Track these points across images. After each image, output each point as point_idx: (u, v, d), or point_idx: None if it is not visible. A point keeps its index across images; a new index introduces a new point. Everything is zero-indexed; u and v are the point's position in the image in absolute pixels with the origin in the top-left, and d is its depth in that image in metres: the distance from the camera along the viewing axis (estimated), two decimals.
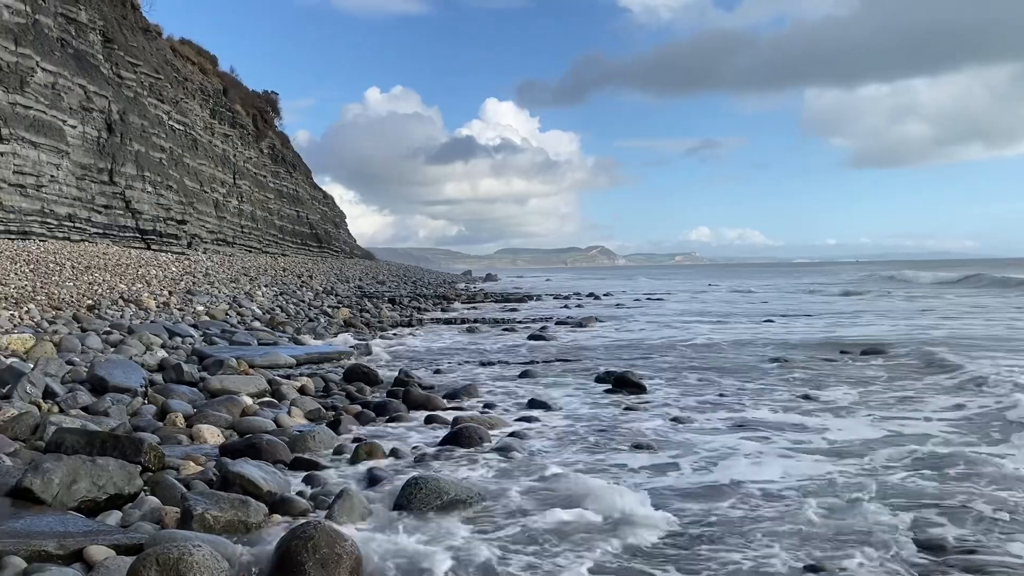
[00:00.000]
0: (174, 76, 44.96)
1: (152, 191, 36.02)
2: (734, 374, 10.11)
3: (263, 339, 12.64)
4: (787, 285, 47.24)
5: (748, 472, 5.41)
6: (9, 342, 9.08)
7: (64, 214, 29.45)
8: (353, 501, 4.26)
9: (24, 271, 17.48)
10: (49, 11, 30.76)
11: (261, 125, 60.96)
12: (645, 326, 18.28)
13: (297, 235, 64.10)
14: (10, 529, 3.42)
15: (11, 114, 26.62)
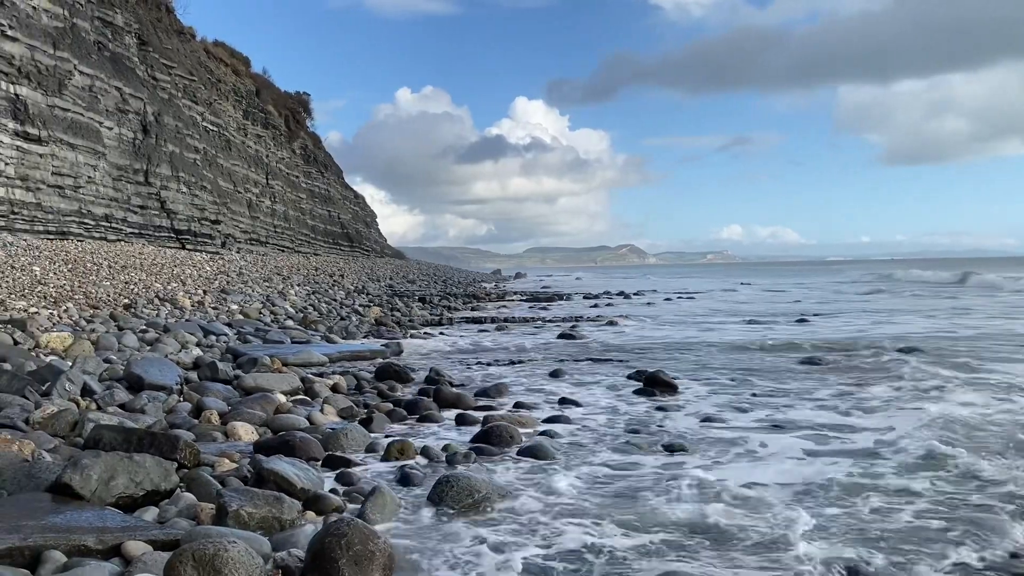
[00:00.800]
0: (208, 78, 45.50)
1: (187, 191, 36.49)
2: (766, 374, 10.01)
3: (296, 337, 12.76)
4: (820, 283, 46.68)
5: (784, 473, 5.35)
6: (48, 340, 9.25)
7: (101, 214, 29.93)
8: (385, 499, 4.28)
9: (63, 271, 17.80)
10: (86, 15, 31.28)
11: (293, 126, 61.50)
12: (676, 325, 18.18)
13: (329, 235, 64.59)
14: (50, 524, 3.47)
15: (50, 116, 27.11)
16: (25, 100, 25.91)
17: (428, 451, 5.73)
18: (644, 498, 4.82)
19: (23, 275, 15.64)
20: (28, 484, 4.01)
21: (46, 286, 14.73)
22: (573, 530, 4.24)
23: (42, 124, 26.52)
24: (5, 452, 4.47)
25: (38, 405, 6.12)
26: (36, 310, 11.61)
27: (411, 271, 56.98)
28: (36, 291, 13.87)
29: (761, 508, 4.60)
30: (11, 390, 6.39)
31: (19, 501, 3.75)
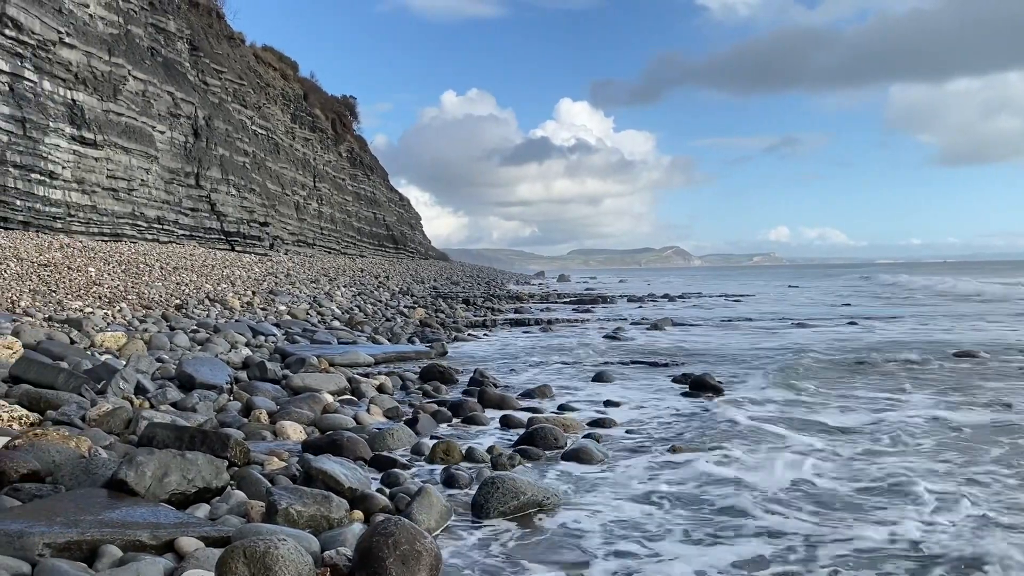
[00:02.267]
0: (257, 82, 46.28)
1: (236, 194, 37.14)
2: (815, 377, 9.85)
3: (342, 338, 12.90)
4: (868, 286, 45.80)
5: (836, 477, 5.26)
6: (103, 340, 9.49)
7: (153, 217, 30.61)
8: (431, 499, 4.30)
9: (117, 272, 18.23)
10: (140, 22, 32.03)
11: (340, 129, 62.25)
12: (722, 328, 17.98)
13: (374, 236, 65.22)
14: (107, 519, 3.56)
15: (105, 121, 27.81)
16: (82, 105, 26.62)
17: (473, 452, 5.75)
18: (689, 501, 4.78)
19: (79, 276, 16.05)
20: (85, 480, 4.11)
21: (101, 287, 15.10)
22: (620, 534, 4.22)
23: (98, 128, 27.21)
24: (63, 448, 4.59)
25: (94, 403, 6.28)
26: (91, 310, 11.91)
27: (455, 273, 57.25)
28: (91, 291, 14.23)
29: (811, 516, 4.53)
30: (68, 388, 6.56)
31: (77, 496, 3.84)
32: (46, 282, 14.34)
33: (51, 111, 25.07)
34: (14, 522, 3.34)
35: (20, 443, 4.67)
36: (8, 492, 3.89)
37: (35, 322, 10.06)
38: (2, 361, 7.41)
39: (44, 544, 3.24)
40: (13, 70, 23.41)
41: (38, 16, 24.41)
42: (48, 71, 25.10)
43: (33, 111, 24.04)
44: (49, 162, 24.62)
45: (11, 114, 23.02)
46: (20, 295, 12.31)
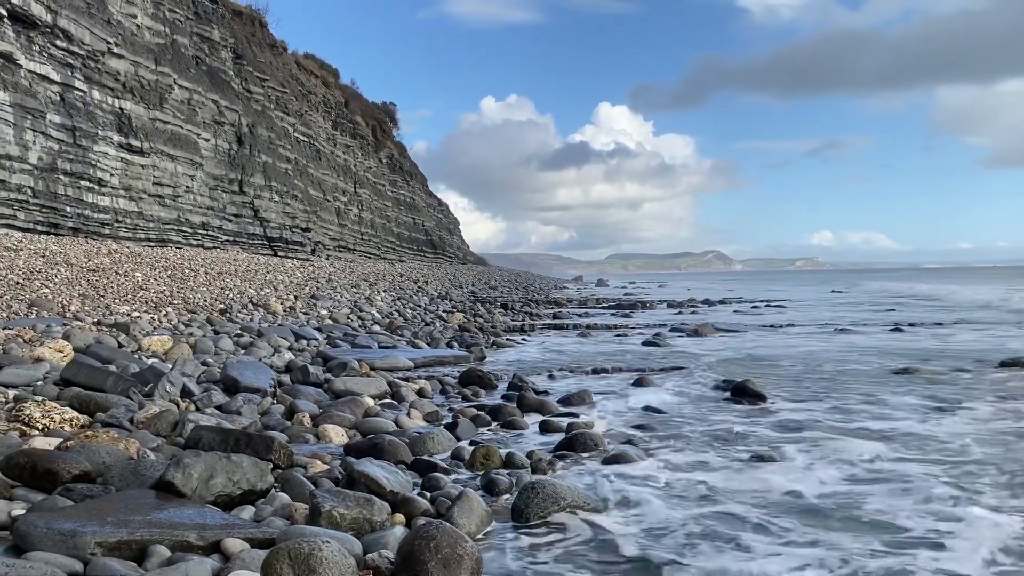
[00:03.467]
0: (299, 90, 46.90)
1: (279, 200, 37.65)
2: (859, 384, 9.69)
3: (383, 342, 13.00)
4: (914, 291, 44.92)
5: (878, 485, 5.18)
6: (150, 344, 9.68)
7: (198, 222, 31.15)
8: (472, 503, 4.32)
9: (162, 277, 18.59)
10: (185, 31, 32.66)
11: (380, 135, 62.82)
12: (764, 334, 17.78)
13: (413, 241, 65.65)
14: (155, 519, 3.63)
15: (151, 129, 28.39)
16: (129, 114, 27.20)
17: (512, 458, 5.76)
18: (731, 508, 4.74)
19: (126, 281, 16.40)
20: (134, 481, 4.20)
21: (147, 291, 15.41)
22: (662, 540, 4.20)
23: (144, 136, 27.79)
24: (113, 450, 4.70)
25: (141, 405, 6.41)
26: (138, 314, 12.16)
27: (493, 277, 57.39)
28: (138, 296, 14.53)
29: (848, 520, 4.46)
30: (116, 391, 6.71)
31: (126, 497, 3.93)
32: (95, 287, 14.67)
33: (100, 120, 25.67)
34: (67, 521, 3.43)
35: (72, 444, 4.79)
36: (61, 492, 3.99)
37: (84, 326, 10.30)
38: (54, 364, 7.61)
39: (96, 543, 3.32)
40: (64, 80, 24.02)
41: (88, 27, 25.02)
42: (97, 81, 25.70)
43: (83, 120, 24.63)
44: (98, 169, 25.20)
45: (62, 123, 23.61)
46: (70, 300, 12.61)
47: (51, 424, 5.62)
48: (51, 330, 9.52)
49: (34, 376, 7.09)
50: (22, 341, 8.70)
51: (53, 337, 8.96)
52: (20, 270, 14.65)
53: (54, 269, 15.78)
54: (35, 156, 22.32)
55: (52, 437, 5.22)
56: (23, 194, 21.77)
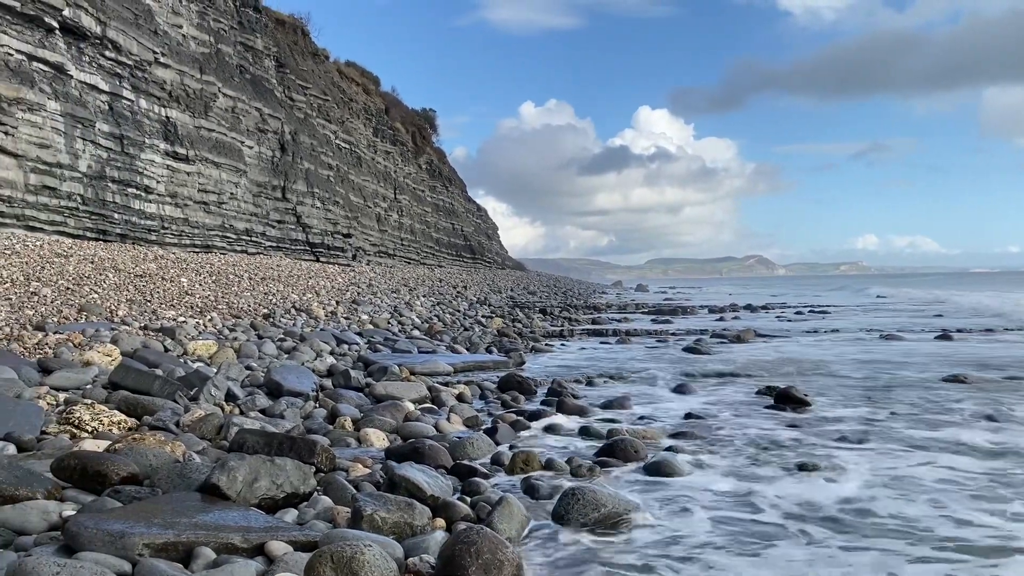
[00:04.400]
0: (340, 97, 47.44)
1: (320, 207, 38.09)
2: (906, 391, 9.50)
3: (422, 347, 13.07)
4: (962, 297, 43.94)
5: (927, 495, 5.06)
6: (195, 348, 9.84)
7: (242, 229, 31.63)
8: (512, 508, 4.31)
9: (207, 282, 18.90)
10: (230, 40, 33.23)
11: (419, 142, 63.27)
12: (807, 340, 17.53)
13: (452, 247, 65.95)
14: (201, 521, 3.68)
15: (196, 137, 28.91)
16: (175, 122, 27.74)
17: (552, 463, 5.74)
18: (775, 519, 4.67)
19: (172, 286, 16.70)
20: (180, 483, 4.27)
21: (193, 296, 15.68)
22: (703, 550, 4.16)
23: (190, 144, 28.31)
24: (160, 453, 4.78)
25: (187, 409, 6.53)
26: (184, 319, 12.37)
27: (531, 282, 57.39)
28: (184, 301, 14.78)
29: (898, 531, 4.37)
30: (163, 394, 6.84)
31: (173, 499, 4.00)
32: (142, 292, 14.97)
33: (147, 128, 26.21)
34: (116, 522, 3.49)
35: (120, 447, 4.89)
36: (109, 494, 4.06)
37: (132, 330, 10.51)
38: (103, 368, 7.77)
39: (143, 544, 3.37)
40: (112, 89, 24.58)
41: (135, 38, 25.58)
42: (144, 90, 26.25)
43: (130, 128, 25.17)
44: (145, 177, 25.72)
45: (110, 131, 24.15)
46: (118, 305, 12.87)
47: (100, 427, 5.74)
48: (100, 334, 9.73)
49: (83, 379, 7.25)
50: (72, 345, 8.91)
51: (102, 341, 9.15)
52: (70, 276, 15.00)
53: (103, 275, 16.13)
54: (85, 164, 22.87)
55: (101, 439, 5.33)
56: (73, 201, 22.30)
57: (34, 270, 14.77)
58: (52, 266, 15.72)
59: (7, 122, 19.71)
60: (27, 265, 15.17)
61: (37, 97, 20.88)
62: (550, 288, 51.39)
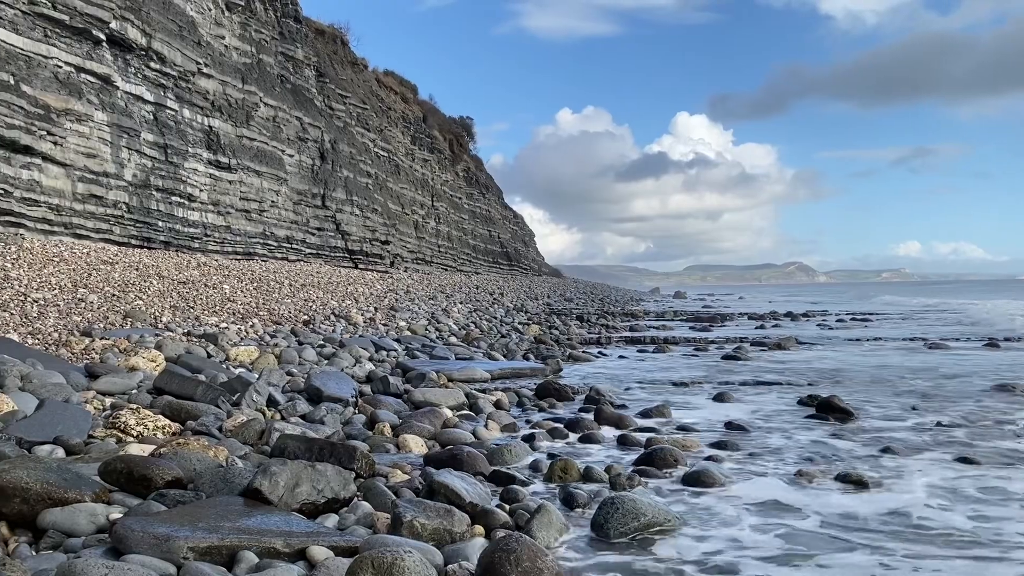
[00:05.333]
0: (379, 106, 47.88)
1: (359, 214, 38.45)
2: (953, 401, 9.30)
3: (460, 354, 13.11)
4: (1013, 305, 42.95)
5: (975, 511, 4.95)
6: (237, 354, 9.98)
7: (283, 236, 32.04)
8: (551, 517, 4.30)
9: (249, 288, 19.17)
10: (271, 51, 33.74)
11: (457, 149, 63.60)
12: (850, 348, 17.26)
13: (489, 253, 66.10)
14: (243, 526, 3.73)
15: (238, 146, 29.37)
16: (217, 131, 28.21)
17: (590, 472, 5.72)
18: (820, 531, 4.60)
19: (215, 292, 16.96)
20: (223, 488, 4.33)
21: (235, 303, 15.91)
22: (745, 562, 4.11)
23: (232, 153, 28.77)
24: (203, 457, 4.86)
25: (229, 414, 6.62)
26: (226, 325, 12.56)
27: (568, 289, 57.28)
28: (226, 307, 15.01)
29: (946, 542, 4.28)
30: (206, 400, 6.94)
31: (216, 503, 4.05)
32: (185, 298, 15.22)
33: (190, 137, 26.69)
34: (161, 526, 3.55)
35: (164, 451, 4.97)
36: (154, 497, 4.13)
37: (175, 336, 10.69)
38: (147, 373, 7.92)
39: (188, 548, 3.42)
40: (157, 100, 25.08)
41: (180, 49, 26.08)
42: (188, 100, 26.74)
43: (174, 138, 25.65)
44: (188, 185, 26.18)
45: (155, 141, 24.63)
46: (162, 311, 13.11)
47: (145, 431, 5.85)
48: (144, 340, 9.92)
49: (129, 385, 7.39)
50: (118, 351, 9.09)
51: (146, 347, 9.33)
52: (116, 282, 15.31)
53: (147, 281, 16.44)
54: (130, 173, 23.34)
55: (146, 444, 5.43)
56: (119, 209, 22.77)
57: (81, 277, 15.10)
58: (98, 273, 16.07)
59: (56, 132, 20.21)
60: (74, 272, 15.51)
61: (85, 108, 21.38)
62: (587, 295, 51.24)
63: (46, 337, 9.59)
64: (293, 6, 37.56)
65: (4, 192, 18.43)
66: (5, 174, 18.57)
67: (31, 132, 19.29)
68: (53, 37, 20.76)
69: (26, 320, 10.35)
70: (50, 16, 20.62)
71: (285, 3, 36.66)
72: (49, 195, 20.05)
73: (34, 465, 4.06)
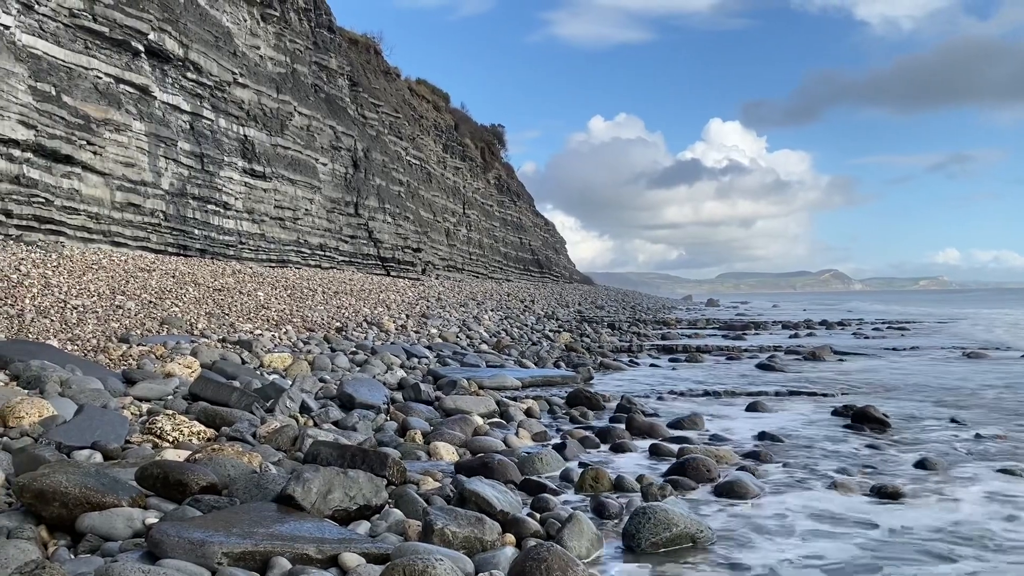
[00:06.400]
0: (411, 114, 48.22)
1: (391, 222, 38.71)
2: (994, 414, 9.12)
3: (490, 361, 13.12)
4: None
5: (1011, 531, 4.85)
6: (271, 360, 10.08)
7: (316, 244, 32.34)
8: (582, 526, 4.29)
9: (283, 296, 19.36)
10: (305, 60, 34.14)
11: (488, 157, 63.80)
12: (887, 358, 17.00)
13: (520, 261, 66.15)
14: (277, 532, 3.76)
15: (273, 155, 29.73)
16: (252, 141, 28.58)
17: (622, 481, 5.68)
18: (854, 546, 4.53)
19: (249, 300, 17.16)
20: (257, 494, 4.37)
21: (269, 310, 16.08)
22: (775, 572, 4.06)
23: (266, 162, 29.12)
24: (238, 463, 4.91)
25: (263, 420, 6.69)
26: (260, 332, 12.69)
27: (599, 297, 57.10)
28: (260, 314, 15.17)
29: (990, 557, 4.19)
30: (240, 406, 7.02)
31: (250, 509, 4.09)
32: (220, 305, 15.42)
33: (226, 146, 27.07)
34: (196, 531, 3.60)
35: (200, 457, 5.04)
36: (189, 502, 4.18)
37: (211, 343, 10.83)
38: (183, 379, 8.03)
39: (222, 553, 3.46)
40: (193, 109, 25.48)
41: (216, 59, 26.48)
42: (223, 109, 27.13)
43: (210, 147, 26.03)
44: (223, 194, 26.54)
45: (191, 150, 25.02)
46: (198, 318, 13.29)
47: (181, 437, 5.93)
48: (180, 347, 10.06)
49: (165, 391, 7.50)
50: (154, 357, 9.23)
51: (182, 353, 9.46)
52: (153, 290, 15.56)
53: (183, 289, 16.67)
54: (167, 182, 23.73)
55: (182, 449, 5.50)
56: (156, 218, 23.15)
57: (119, 284, 15.36)
58: (136, 280, 16.33)
59: (96, 142, 20.61)
60: (113, 279, 15.78)
61: (123, 118, 21.79)
62: (618, 302, 51.06)
63: (85, 343, 9.77)
64: (327, 16, 37.99)
65: (45, 201, 18.82)
66: (47, 183, 18.97)
67: (72, 142, 19.70)
68: (93, 49, 21.20)
69: (66, 326, 10.55)
70: (91, 28, 21.06)
71: (319, 13, 37.10)
72: (88, 204, 20.44)
73: (73, 470, 4.14)
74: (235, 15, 29.15)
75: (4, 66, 17.60)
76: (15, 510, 4.02)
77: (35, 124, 18.47)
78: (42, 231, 18.86)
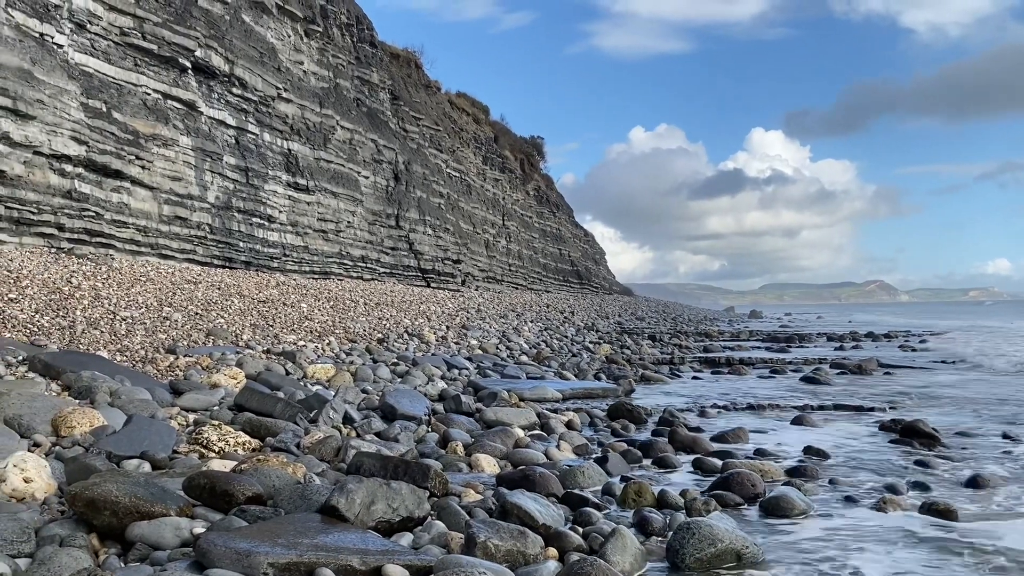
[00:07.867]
0: (451, 127, 48.52)
1: (432, 234, 38.94)
2: None
3: (531, 373, 13.10)
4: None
5: None
6: (314, 371, 10.18)
7: (358, 256, 32.65)
8: (626, 541, 4.25)
9: (325, 307, 19.56)
10: (347, 75, 34.57)
11: (527, 169, 63.91)
12: (936, 370, 16.62)
13: (559, 272, 66.04)
14: (321, 543, 3.79)
15: (316, 168, 30.11)
16: (296, 154, 28.99)
17: (665, 496, 5.62)
18: (904, 564, 4.43)
19: (293, 311, 17.37)
20: (301, 504, 4.41)
21: (312, 321, 16.25)
22: None
23: (310, 175, 29.51)
24: (282, 474, 4.96)
25: (307, 431, 6.74)
26: (304, 343, 12.83)
27: (640, 308, 56.75)
28: (304, 326, 15.34)
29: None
30: (284, 417, 7.09)
31: (294, 519, 4.13)
32: (264, 317, 15.63)
33: (270, 160, 27.49)
34: (243, 541, 3.63)
35: (245, 467, 5.10)
36: (236, 512, 4.23)
37: (255, 354, 10.96)
38: (228, 390, 8.14)
39: (268, 564, 3.50)
40: (239, 124, 25.93)
41: (260, 75, 26.94)
42: (268, 124, 27.57)
43: (255, 161, 26.46)
44: (268, 207, 26.94)
45: (237, 164, 25.45)
46: (243, 329, 13.48)
47: (226, 447, 6.01)
48: (226, 358, 10.20)
49: (211, 401, 7.61)
50: (201, 368, 9.38)
51: (228, 364, 9.59)
52: (199, 301, 15.82)
53: (228, 300, 16.93)
54: (213, 195, 24.16)
55: (228, 460, 5.57)
56: (202, 231, 23.57)
57: (166, 296, 15.65)
58: (182, 292, 16.63)
59: (144, 157, 21.07)
60: (160, 291, 16.09)
61: (171, 133, 22.25)
62: (659, 314, 50.69)
63: (133, 354, 9.96)
64: (369, 31, 38.45)
65: (96, 215, 19.27)
66: (97, 197, 19.42)
67: (121, 157, 20.16)
68: (142, 65, 21.70)
69: (115, 338, 10.78)
70: (140, 46, 21.57)
71: (362, 29, 37.55)
72: (137, 217, 20.88)
73: (123, 479, 4.22)
74: (279, 31, 29.64)
75: (58, 84, 18.10)
76: (68, 518, 4.11)
77: (87, 140, 18.95)
78: (92, 244, 19.31)
